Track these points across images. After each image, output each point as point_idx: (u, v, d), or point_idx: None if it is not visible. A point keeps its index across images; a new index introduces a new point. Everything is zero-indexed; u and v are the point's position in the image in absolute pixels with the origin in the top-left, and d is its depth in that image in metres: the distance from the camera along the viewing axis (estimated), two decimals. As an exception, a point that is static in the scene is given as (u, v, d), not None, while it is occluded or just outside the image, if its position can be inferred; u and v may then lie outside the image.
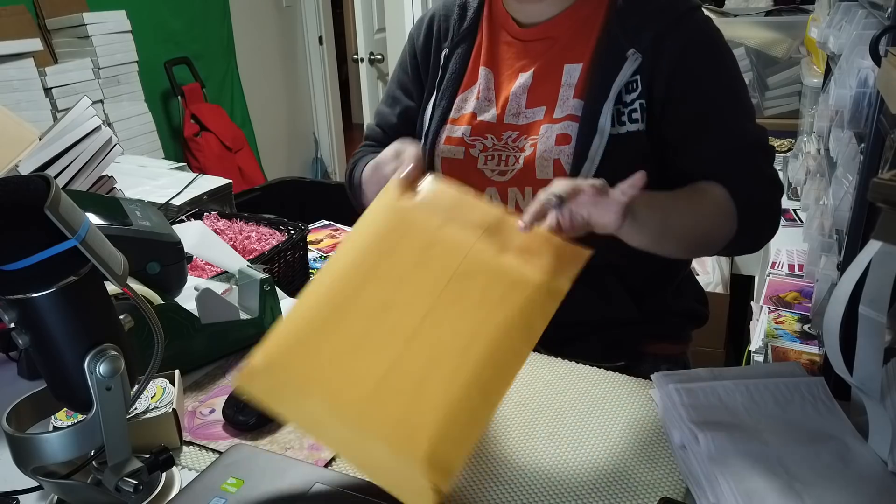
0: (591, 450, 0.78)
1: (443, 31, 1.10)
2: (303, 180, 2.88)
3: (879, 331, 0.70)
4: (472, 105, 1.05)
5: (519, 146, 1.00)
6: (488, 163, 1.02)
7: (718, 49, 0.97)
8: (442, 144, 1.05)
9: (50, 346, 0.63)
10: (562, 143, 0.97)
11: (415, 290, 0.72)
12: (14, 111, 1.32)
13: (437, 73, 1.09)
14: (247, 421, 0.82)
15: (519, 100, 1.01)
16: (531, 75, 1.01)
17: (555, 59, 1.00)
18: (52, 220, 0.56)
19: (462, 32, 1.07)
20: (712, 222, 0.92)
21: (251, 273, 1.02)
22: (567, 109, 0.98)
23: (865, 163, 1.13)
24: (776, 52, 2.67)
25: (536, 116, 1.00)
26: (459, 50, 1.07)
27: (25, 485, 0.71)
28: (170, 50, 3.42)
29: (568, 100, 0.98)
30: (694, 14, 0.96)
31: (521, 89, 1.01)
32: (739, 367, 0.88)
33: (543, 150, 0.98)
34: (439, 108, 1.07)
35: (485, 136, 1.03)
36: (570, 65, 0.99)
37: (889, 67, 0.98)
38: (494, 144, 1.02)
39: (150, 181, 1.89)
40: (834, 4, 1.59)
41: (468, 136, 1.03)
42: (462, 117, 1.05)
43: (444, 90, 1.07)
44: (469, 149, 1.03)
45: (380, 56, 3.62)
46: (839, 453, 0.71)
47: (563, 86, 0.99)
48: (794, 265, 1.74)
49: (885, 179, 0.61)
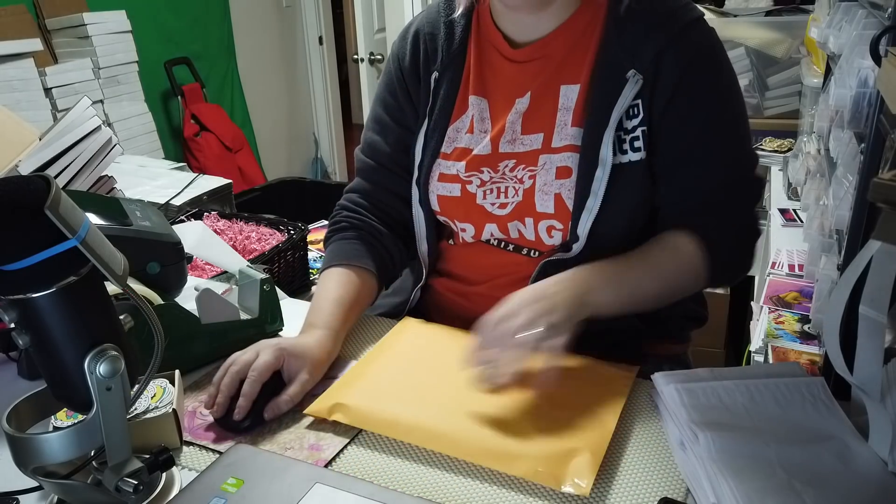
0: (591, 450, 0.78)
1: (430, 51, 1.03)
2: (303, 180, 2.88)
3: (880, 331, 0.70)
4: (465, 139, 1.00)
5: (517, 176, 0.97)
6: (487, 197, 0.99)
7: (722, 69, 0.94)
8: (436, 181, 1.01)
9: (50, 347, 0.62)
10: (563, 176, 0.93)
11: None
12: (14, 111, 1.32)
13: (427, 99, 1.03)
14: (240, 424, 0.81)
15: (514, 126, 0.97)
16: (528, 99, 0.97)
17: (551, 81, 0.96)
18: (52, 220, 0.56)
19: (451, 54, 1.01)
20: (677, 283, 0.95)
21: (251, 273, 1.02)
22: (566, 139, 0.94)
23: (865, 163, 1.13)
24: (776, 52, 2.67)
25: (534, 144, 0.96)
26: (449, 75, 1.01)
27: (25, 485, 0.71)
28: (170, 50, 3.42)
29: (566, 126, 0.94)
30: (696, 26, 0.92)
31: (515, 115, 0.97)
32: (740, 367, 0.88)
33: (543, 185, 0.94)
34: (431, 142, 1.02)
35: (480, 170, 0.98)
36: (567, 86, 0.95)
37: (889, 67, 0.98)
38: (492, 177, 0.98)
39: (150, 181, 1.89)
40: (834, 4, 1.59)
41: (463, 172, 0.99)
42: (454, 152, 1.01)
43: (436, 121, 1.02)
44: (466, 185, 0.99)
45: (380, 56, 3.62)
46: (839, 453, 0.71)
47: (560, 110, 0.95)
48: (794, 265, 1.74)
49: (885, 179, 0.61)
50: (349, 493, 0.67)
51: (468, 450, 0.76)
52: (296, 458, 0.76)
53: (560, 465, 0.73)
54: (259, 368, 0.83)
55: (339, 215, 1.10)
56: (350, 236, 1.06)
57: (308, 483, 0.68)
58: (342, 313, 0.96)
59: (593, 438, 0.76)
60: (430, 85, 1.03)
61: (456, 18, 1.02)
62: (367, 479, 0.73)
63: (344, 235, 1.07)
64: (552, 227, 0.96)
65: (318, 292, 1.00)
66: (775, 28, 2.67)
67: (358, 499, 0.66)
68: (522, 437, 0.77)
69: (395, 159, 1.07)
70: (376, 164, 1.09)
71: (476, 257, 1.06)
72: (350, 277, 1.01)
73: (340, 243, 1.06)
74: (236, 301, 1.03)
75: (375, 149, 1.09)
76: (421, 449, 0.78)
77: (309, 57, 4.42)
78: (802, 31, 2.51)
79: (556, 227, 0.96)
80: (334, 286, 0.99)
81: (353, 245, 1.05)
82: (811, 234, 1.55)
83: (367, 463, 0.77)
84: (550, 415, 0.80)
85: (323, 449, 0.79)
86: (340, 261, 1.03)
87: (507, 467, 0.74)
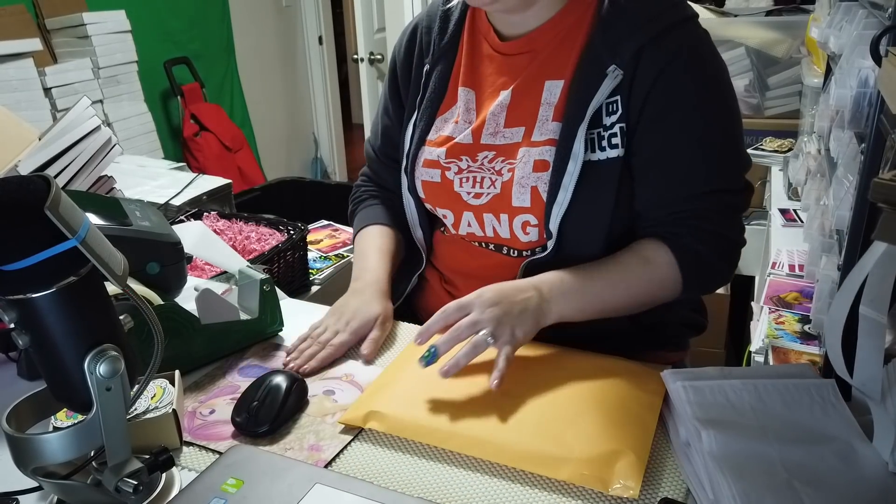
0: (591, 450, 0.78)
1: (425, 44, 1.06)
2: (302, 180, 2.87)
3: (880, 331, 0.70)
4: (450, 127, 1.02)
5: (496, 168, 0.97)
6: (464, 185, 1.00)
7: (704, 71, 0.91)
8: (421, 167, 1.04)
9: (50, 347, 0.62)
10: (539, 169, 0.93)
11: None
12: (14, 111, 1.32)
13: (417, 90, 1.06)
14: (258, 429, 0.81)
15: (497, 118, 0.98)
16: (510, 93, 0.97)
17: (535, 75, 0.96)
18: (52, 220, 0.56)
19: (443, 47, 1.03)
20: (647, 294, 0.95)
21: (251, 273, 1.02)
22: (546, 133, 0.94)
23: (866, 163, 1.13)
24: (776, 52, 2.67)
25: (515, 138, 0.96)
26: (440, 67, 1.03)
27: (25, 485, 0.71)
28: (169, 50, 3.42)
29: (547, 122, 0.94)
30: (684, 26, 0.90)
31: (499, 108, 0.98)
32: (749, 367, 0.88)
33: (521, 177, 0.95)
34: (418, 130, 1.05)
35: (459, 157, 1.00)
36: (551, 81, 0.95)
37: (889, 67, 0.98)
38: (469, 166, 0.99)
39: (149, 181, 1.89)
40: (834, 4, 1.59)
41: (443, 158, 1.01)
42: (438, 139, 1.03)
43: (424, 110, 1.04)
44: (445, 171, 1.01)
45: (380, 56, 3.62)
46: (843, 454, 0.71)
47: (542, 104, 0.95)
48: (794, 265, 1.74)
49: (885, 179, 0.61)
50: (349, 493, 0.67)
51: (511, 455, 0.75)
52: (296, 459, 0.76)
53: (606, 467, 0.72)
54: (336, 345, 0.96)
55: (358, 191, 1.21)
56: (372, 203, 1.18)
57: (308, 483, 0.68)
58: (386, 263, 1.08)
59: (636, 439, 0.76)
60: (421, 77, 1.06)
61: (452, 9, 1.04)
62: (367, 480, 0.73)
63: (367, 204, 1.18)
64: (527, 222, 0.97)
65: (360, 249, 1.12)
66: (775, 28, 2.67)
67: (358, 499, 0.66)
68: (564, 440, 0.76)
69: (386, 152, 1.15)
70: (374, 155, 1.18)
71: (463, 255, 1.07)
72: (383, 231, 1.13)
73: (365, 210, 1.17)
74: (236, 301, 1.02)
75: (372, 138, 1.18)
76: (421, 449, 0.78)
77: (309, 57, 4.42)
78: (803, 31, 2.51)
79: (531, 223, 0.96)
80: (372, 239, 1.11)
81: (377, 209, 1.16)
82: (811, 234, 1.55)
83: (367, 463, 0.77)
84: (590, 416, 0.79)
85: (323, 449, 0.79)
86: (370, 222, 1.14)
87: (552, 471, 0.73)
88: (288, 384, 0.85)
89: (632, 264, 0.94)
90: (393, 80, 1.12)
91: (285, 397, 0.83)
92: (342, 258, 1.85)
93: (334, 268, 1.79)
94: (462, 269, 1.08)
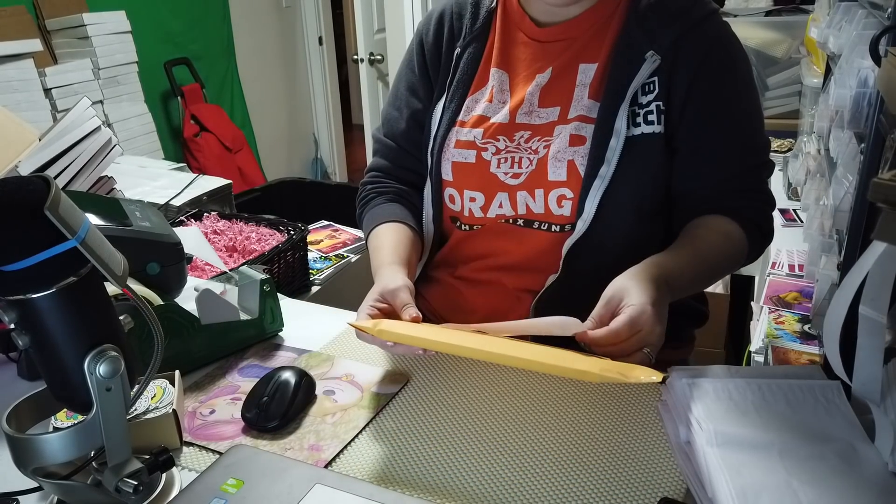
0: (591, 449, 0.78)
1: (456, 29, 1.09)
2: (303, 181, 2.87)
3: (880, 331, 0.70)
4: (482, 107, 1.04)
5: (532, 147, 1.00)
6: (501, 166, 1.01)
7: (738, 57, 0.99)
8: (452, 148, 1.04)
9: (50, 347, 0.62)
10: (576, 143, 0.97)
11: None
12: (14, 111, 1.32)
13: (447, 73, 1.08)
14: (268, 424, 0.81)
15: (532, 98, 1.01)
16: (549, 75, 1.01)
17: (571, 59, 1.00)
18: (52, 221, 0.56)
19: (475, 31, 1.06)
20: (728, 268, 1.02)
21: (251, 273, 1.02)
22: (580, 109, 0.98)
23: (865, 163, 1.13)
24: (776, 52, 2.68)
25: (551, 117, 1.00)
26: (471, 49, 1.06)
27: (25, 485, 0.71)
28: (169, 50, 3.42)
29: (582, 100, 0.98)
30: (713, 18, 0.98)
31: (535, 88, 1.01)
32: (756, 367, 0.88)
33: (557, 151, 0.97)
34: (448, 111, 1.06)
35: (497, 138, 1.02)
36: (586, 64, 0.99)
37: (889, 67, 0.98)
38: (507, 146, 1.01)
39: (149, 182, 1.89)
40: (834, 4, 1.59)
41: (480, 139, 1.02)
42: (471, 119, 1.04)
43: (455, 92, 1.06)
44: (481, 152, 1.02)
45: (380, 56, 3.62)
46: (844, 454, 0.71)
47: (577, 86, 0.99)
48: (794, 265, 1.74)
49: (885, 179, 0.61)
50: (349, 493, 0.67)
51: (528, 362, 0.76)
52: (296, 459, 0.76)
53: (625, 368, 0.73)
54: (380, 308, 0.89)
55: (364, 190, 1.16)
56: (380, 202, 1.12)
57: (308, 484, 0.68)
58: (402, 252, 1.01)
59: None
60: (451, 60, 1.07)
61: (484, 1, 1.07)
62: (367, 480, 0.73)
63: (374, 203, 1.12)
64: (563, 196, 0.98)
65: (374, 247, 1.04)
66: (775, 28, 2.68)
67: (358, 499, 0.66)
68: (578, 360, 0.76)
69: (409, 137, 1.12)
70: (393, 143, 1.14)
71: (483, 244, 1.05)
72: (396, 227, 1.07)
73: (373, 210, 1.11)
74: (236, 301, 1.03)
75: (392, 126, 1.14)
76: (421, 449, 0.78)
77: (309, 57, 4.42)
78: (802, 31, 2.51)
79: (567, 197, 0.98)
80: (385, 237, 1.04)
81: (386, 207, 1.11)
82: (811, 234, 1.55)
83: (367, 463, 0.77)
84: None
85: (323, 449, 0.79)
86: (380, 221, 1.08)
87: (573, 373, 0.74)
88: (297, 380, 0.85)
89: (718, 243, 0.97)
90: (422, 64, 1.11)
91: (294, 393, 0.84)
92: (342, 258, 1.85)
93: (334, 268, 1.80)
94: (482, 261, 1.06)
